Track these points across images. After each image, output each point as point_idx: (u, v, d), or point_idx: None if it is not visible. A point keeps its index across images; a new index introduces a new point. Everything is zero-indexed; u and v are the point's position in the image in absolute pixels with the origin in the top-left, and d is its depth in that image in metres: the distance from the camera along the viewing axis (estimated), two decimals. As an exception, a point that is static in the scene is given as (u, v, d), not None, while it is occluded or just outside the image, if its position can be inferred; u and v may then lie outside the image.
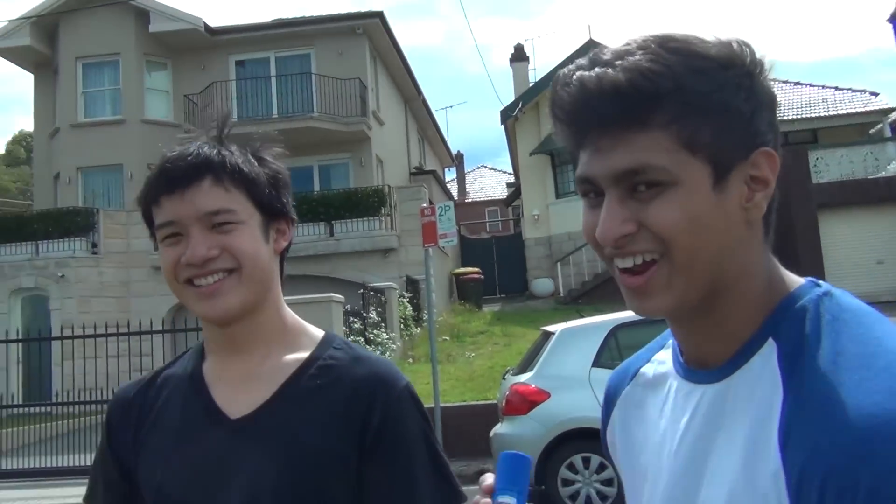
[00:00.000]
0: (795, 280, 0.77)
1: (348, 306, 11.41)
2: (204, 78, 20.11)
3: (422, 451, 1.16)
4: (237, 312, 1.14)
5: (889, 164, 18.00)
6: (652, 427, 0.84)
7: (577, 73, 0.73)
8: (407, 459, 1.14)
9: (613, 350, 6.74)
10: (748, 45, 0.75)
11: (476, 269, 20.66)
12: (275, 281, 1.21)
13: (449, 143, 32.59)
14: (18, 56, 21.42)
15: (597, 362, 6.70)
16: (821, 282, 0.77)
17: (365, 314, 12.75)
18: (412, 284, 16.77)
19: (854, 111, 22.08)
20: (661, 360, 0.88)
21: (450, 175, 39.00)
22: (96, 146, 19.73)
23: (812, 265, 16.90)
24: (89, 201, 19.50)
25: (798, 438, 0.64)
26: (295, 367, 1.18)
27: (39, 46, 20.79)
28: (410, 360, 13.45)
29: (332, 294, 10.65)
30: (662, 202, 0.71)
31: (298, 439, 1.12)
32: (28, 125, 31.69)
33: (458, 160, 39.74)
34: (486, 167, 46.37)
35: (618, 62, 0.71)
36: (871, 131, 21.82)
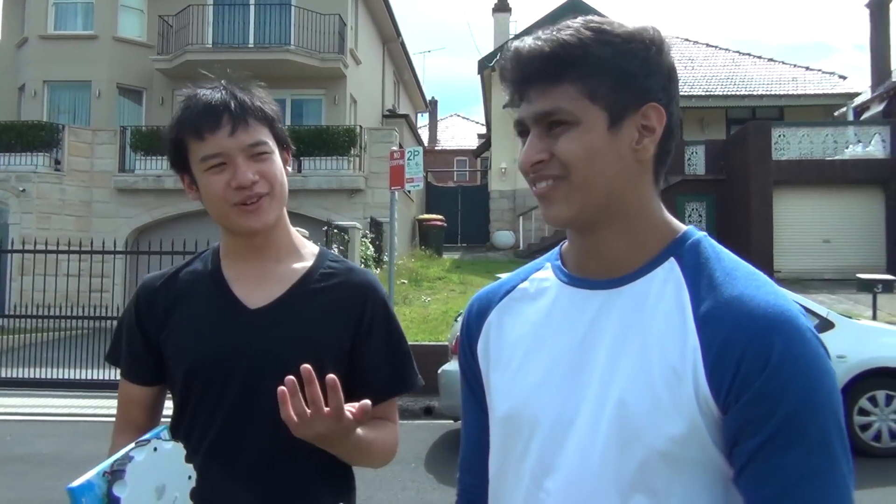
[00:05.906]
0: (680, 224, 1.03)
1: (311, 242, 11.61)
2: (180, -1, 19.74)
3: (398, 339, 1.55)
4: (272, 224, 1.45)
5: (847, 148, 18.53)
6: (533, 329, 1.05)
7: (517, 44, 0.98)
8: (387, 344, 1.52)
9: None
10: (654, 30, 0.98)
11: (440, 217, 20.88)
12: None
13: (424, 88, 32.49)
14: (-13, -41, 20.78)
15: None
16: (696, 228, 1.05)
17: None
18: (376, 226, 16.97)
19: (821, 92, 22.41)
20: (542, 278, 1.09)
21: (422, 121, 38.86)
22: (65, 60, 19.34)
23: (762, 237, 17.46)
24: (54, 116, 19.18)
25: (715, 322, 0.90)
26: (303, 272, 1.50)
27: (10, -49, 20.20)
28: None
29: (298, 228, 10.82)
30: (568, 137, 0.94)
31: (308, 325, 1.44)
32: (-7, 31, 30.56)
33: (431, 106, 39.52)
34: (458, 116, 46.23)
35: (544, 36, 0.96)
36: (836, 114, 22.31)
